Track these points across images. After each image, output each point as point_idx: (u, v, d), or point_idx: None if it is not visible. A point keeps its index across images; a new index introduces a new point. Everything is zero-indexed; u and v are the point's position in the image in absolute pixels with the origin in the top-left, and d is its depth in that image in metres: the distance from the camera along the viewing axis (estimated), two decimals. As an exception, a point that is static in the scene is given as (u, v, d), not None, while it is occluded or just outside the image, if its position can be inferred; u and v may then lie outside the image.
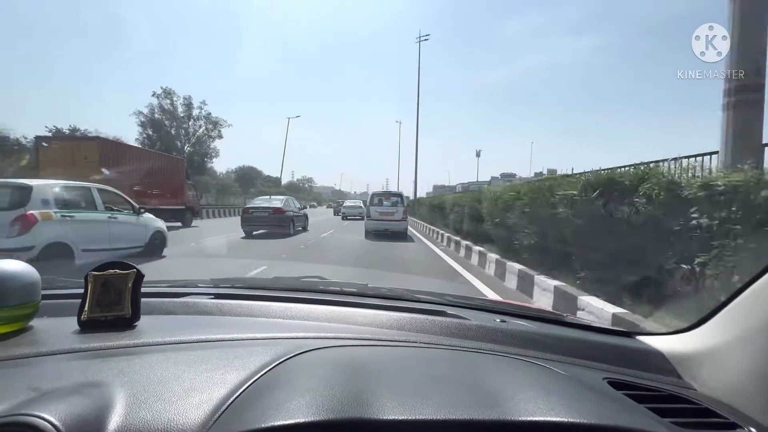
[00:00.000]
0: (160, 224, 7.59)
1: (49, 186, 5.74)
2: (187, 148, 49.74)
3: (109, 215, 6.40)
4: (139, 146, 24.14)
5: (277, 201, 12.43)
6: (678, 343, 0.83)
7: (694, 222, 2.81)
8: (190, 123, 52.12)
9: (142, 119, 48.77)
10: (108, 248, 6.17)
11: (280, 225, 11.66)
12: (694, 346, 0.79)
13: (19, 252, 4.95)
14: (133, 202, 7.11)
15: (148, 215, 7.36)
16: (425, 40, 29.36)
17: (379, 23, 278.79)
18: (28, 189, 5.42)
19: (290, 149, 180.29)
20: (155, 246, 7.27)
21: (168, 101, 50.57)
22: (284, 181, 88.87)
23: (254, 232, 11.88)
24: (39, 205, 5.37)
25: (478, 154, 76.95)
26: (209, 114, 53.96)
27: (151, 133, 47.66)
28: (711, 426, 0.60)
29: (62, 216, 5.57)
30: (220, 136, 54.19)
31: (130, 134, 48.84)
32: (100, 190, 6.51)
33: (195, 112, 51.95)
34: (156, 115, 48.66)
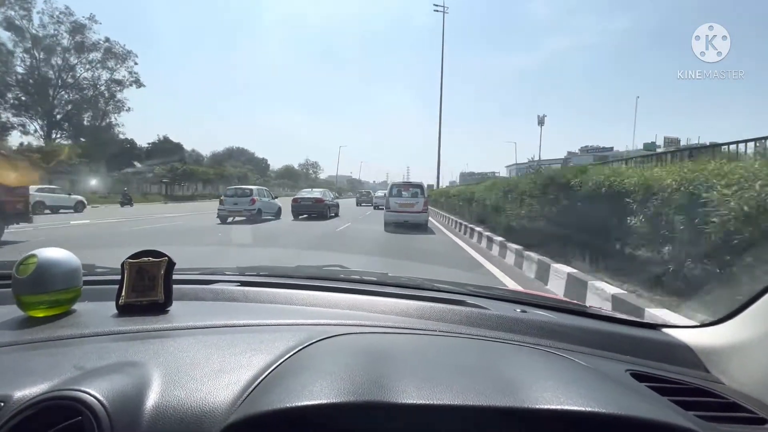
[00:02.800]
0: (280, 204, 15.34)
1: (257, 188, 13.89)
2: (63, 96, 34.47)
3: (268, 199, 14.43)
4: None
5: (317, 192, 17.03)
6: (706, 337, 0.81)
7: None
8: (74, 55, 32.60)
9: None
10: (269, 212, 14.16)
11: (320, 211, 15.68)
12: (723, 339, 0.77)
13: (251, 212, 12.90)
14: (271, 193, 15.12)
15: (277, 199, 15.33)
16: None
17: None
18: (250, 189, 13.54)
19: (301, 136, 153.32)
20: (278, 214, 14.97)
21: (23, 12, 30.31)
22: (278, 165, 68.44)
23: (300, 216, 15.59)
24: (255, 194, 13.44)
25: (540, 122, 50.35)
26: (107, 40, 32.91)
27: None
28: (739, 420, 0.60)
29: (260, 199, 13.59)
30: (137, 82, 34.87)
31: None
32: (266, 189, 14.80)
33: (80, 38, 32.01)
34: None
